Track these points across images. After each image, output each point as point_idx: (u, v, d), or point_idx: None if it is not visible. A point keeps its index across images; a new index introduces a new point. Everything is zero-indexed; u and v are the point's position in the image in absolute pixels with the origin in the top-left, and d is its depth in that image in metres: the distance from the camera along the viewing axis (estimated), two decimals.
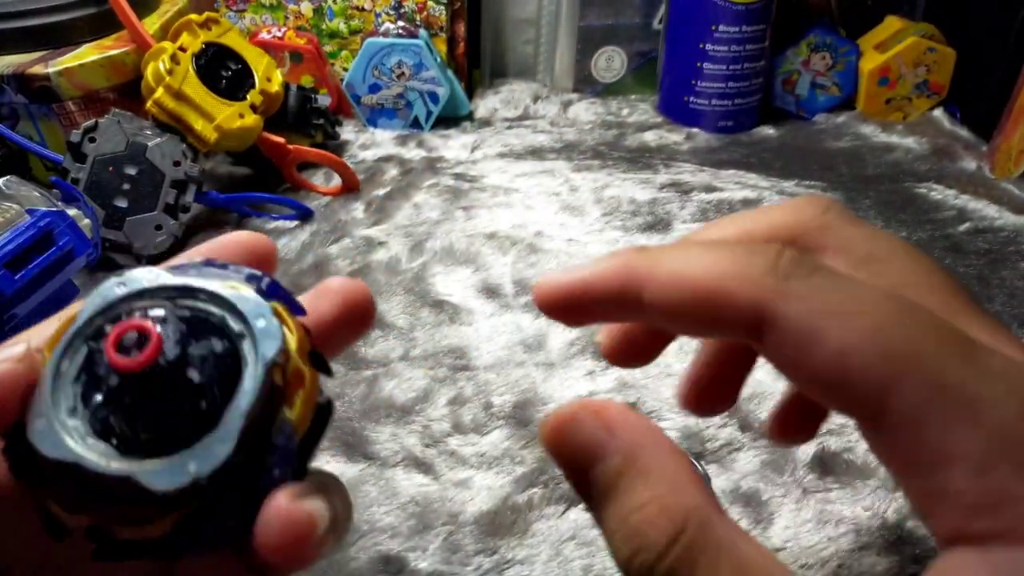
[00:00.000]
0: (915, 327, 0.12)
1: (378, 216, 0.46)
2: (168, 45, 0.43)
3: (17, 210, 0.33)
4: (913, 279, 0.14)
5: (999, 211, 0.46)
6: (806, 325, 0.12)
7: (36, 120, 0.45)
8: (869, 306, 0.12)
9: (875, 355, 0.11)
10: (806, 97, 0.61)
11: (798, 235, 0.15)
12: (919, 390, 0.11)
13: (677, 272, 0.13)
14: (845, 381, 0.11)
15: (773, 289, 0.12)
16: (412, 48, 0.55)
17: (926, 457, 0.11)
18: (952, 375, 0.11)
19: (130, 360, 0.12)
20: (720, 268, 0.13)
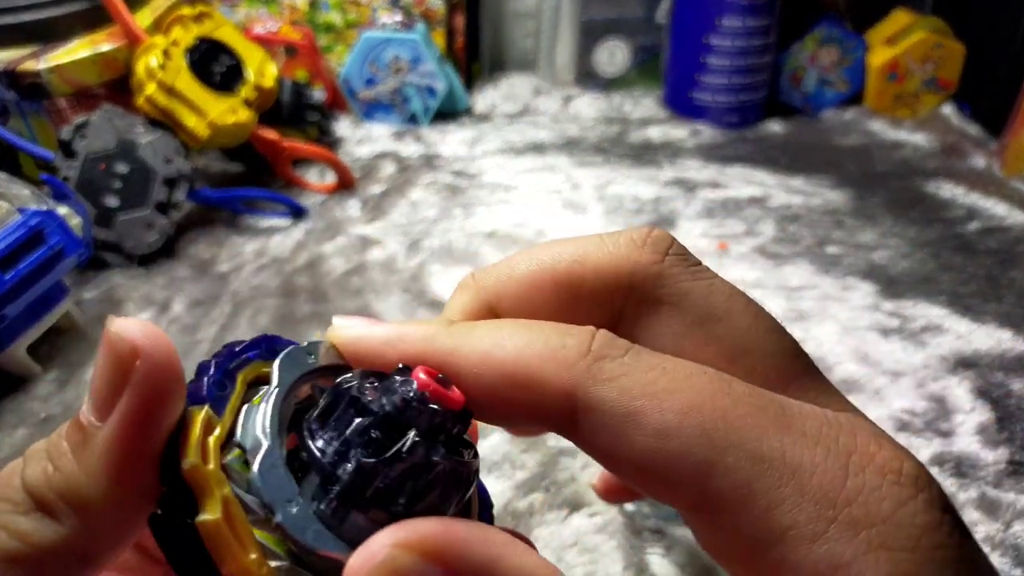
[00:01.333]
0: (729, 401, 0.11)
1: (374, 214, 0.45)
2: (160, 40, 0.42)
3: (7, 208, 0.32)
4: (748, 342, 0.13)
5: (1009, 210, 0.45)
6: (621, 408, 0.11)
7: (27, 117, 0.44)
8: (683, 384, 0.11)
9: (694, 433, 0.11)
10: (813, 92, 0.60)
11: (633, 283, 0.14)
12: (742, 467, 0.11)
13: (484, 352, 0.12)
14: (666, 465, 0.11)
15: (587, 372, 0.12)
16: (409, 42, 0.54)
17: (756, 535, 0.11)
18: (771, 446, 0.11)
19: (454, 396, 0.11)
20: (532, 350, 0.12)
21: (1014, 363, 0.33)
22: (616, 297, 0.14)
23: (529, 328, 0.12)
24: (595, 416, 0.11)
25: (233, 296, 0.38)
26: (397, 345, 0.13)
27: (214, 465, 0.11)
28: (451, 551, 0.10)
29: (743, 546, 0.11)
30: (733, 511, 0.11)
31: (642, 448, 0.11)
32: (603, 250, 0.14)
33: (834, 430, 0.11)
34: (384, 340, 0.13)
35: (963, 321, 0.36)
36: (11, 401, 0.32)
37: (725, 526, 0.11)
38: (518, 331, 0.12)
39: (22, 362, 0.33)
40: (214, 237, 0.43)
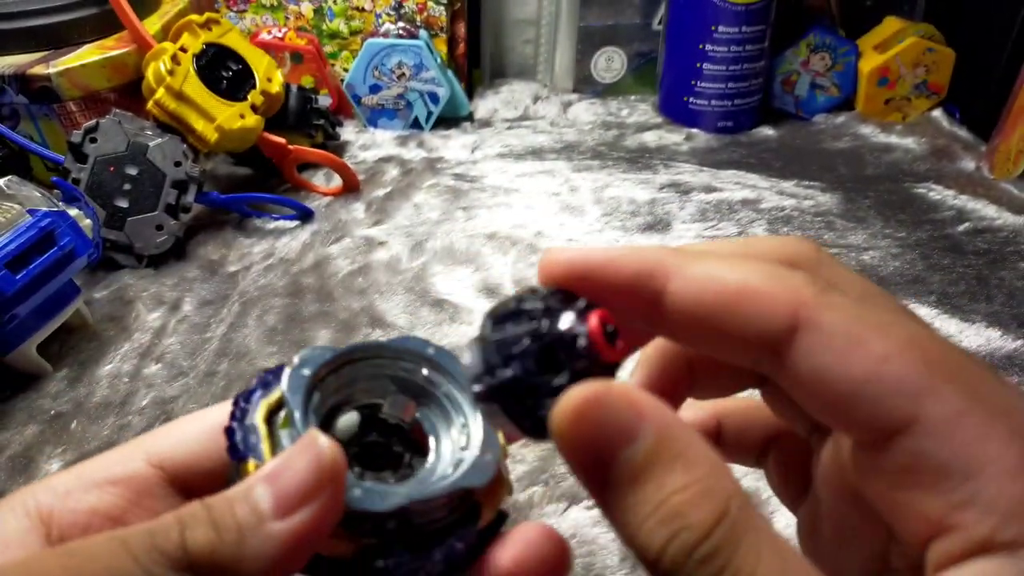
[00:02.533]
0: (947, 345, 0.12)
1: (378, 216, 0.46)
2: (169, 46, 0.43)
3: (18, 210, 0.33)
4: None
5: (998, 211, 0.46)
6: (848, 330, 0.12)
7: (37, 120, 0.45)
8: (906, 323, 0.12)
9: (915, 361, 0.12)
10: (805, 97, 0.61)
11: (797, 265, 0.14)
12: (958, 396, 0.11)
13: (710, 271, 0.13)
14: (881, 389, 0.12)
15: (813, 296, 0.12)
16: (412, 49, 0.55)
17: (960, 462, 0.11)
18: (986, 388, 0.11)
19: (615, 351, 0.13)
20: (758, 274, 0.13)
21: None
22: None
23: (754, 259, 0.13)
24: (819, 336, 0.12)
25: (241, 296, 0.39)
26: (625, 261, 0.13)
27: None
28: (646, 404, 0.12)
29: (938, 475, 0.11)
30: (940, 435, 0.11)
31: (862, 370, 0.12)
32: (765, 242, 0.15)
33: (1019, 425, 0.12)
34: (610, 256, 0.14)
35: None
36: (22, 399, 0.33)
37: (924, 451, 0.11)
38: (745, 259, 0.13)
39: (33, 360, 0.33)
40: (222, 239, 0.44)
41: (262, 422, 0.14)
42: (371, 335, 0.36)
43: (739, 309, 0.13)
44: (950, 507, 0.11)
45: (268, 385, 0.14)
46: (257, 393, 0.14)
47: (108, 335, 0.36)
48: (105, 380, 0.34)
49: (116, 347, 0.35)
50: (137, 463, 0.15)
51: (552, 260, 0.14)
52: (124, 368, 0.34)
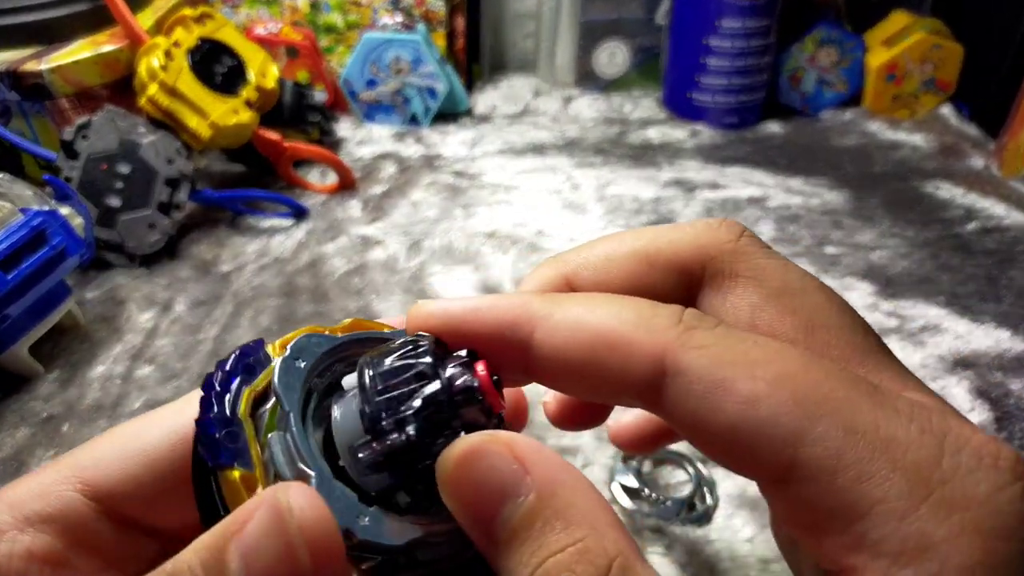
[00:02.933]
0: (821, 374, 0.11)
1: (375, 214, 0.46)
2: (162, 41, 0.42)
3: (10, 209, 0.32)
4: (825, 317, 0.13)
5: (1007, 210, 0.46)
6: (712, 375, 0.11)
7: (29, 117, 0.45)
8: (774, 355, 0.11)
9: (785, 401, 0.11)
10: (812, 93, 0.60)
11: (711, 256, 0.14)
12: (833, 436, 0.11)
13: (574, 318, 0.12)
14: (755, 432, 0.11)
15: (677, 339, 0.12)
16: (410, 43, 0.54)
17: (843, 506, 0.10)
18: (864, 419, 0.11)
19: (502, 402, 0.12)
20: (622, 317, 0.12)
21: (1013, 363, 0.33)
22: (693, 270, 0.14)
23: (620, 300, 0.13)
24: (684, 381, 0.12)
25: (235, 296, 0.38)
26: (490, 312, 0.13)
27: None
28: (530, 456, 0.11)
29: (826, 519, 0.11)
30: (820, 481, 0.11)
31: (731, 414, 0.11)
32: (681, 230, 0.15)
33: (926, 411, 0.11)
34: (476, 307, 0.13)
35: (962, 321, 0.36)
36: (13, 401, 0.32)
37: (809, 497, 0.11)
38: (609, 301, 0.13)
39: (24, 362, 0.33)
40: (216, 237, 0.43)
41: (246, 417, 0.12)
42: None
43: (603, 358, 0.12)
44: (844, 550, 0.11)
45: (252, 371, 0.13)
46: (236, 379, 0.12)
47: (100, 336, 0.36)
48: (97, 382, 0.33)
49: (108, 348, 0.35)
50: (69, 494, 0.13)
51: (419, 314, 0.14)
52: (116, 370, 0.34)
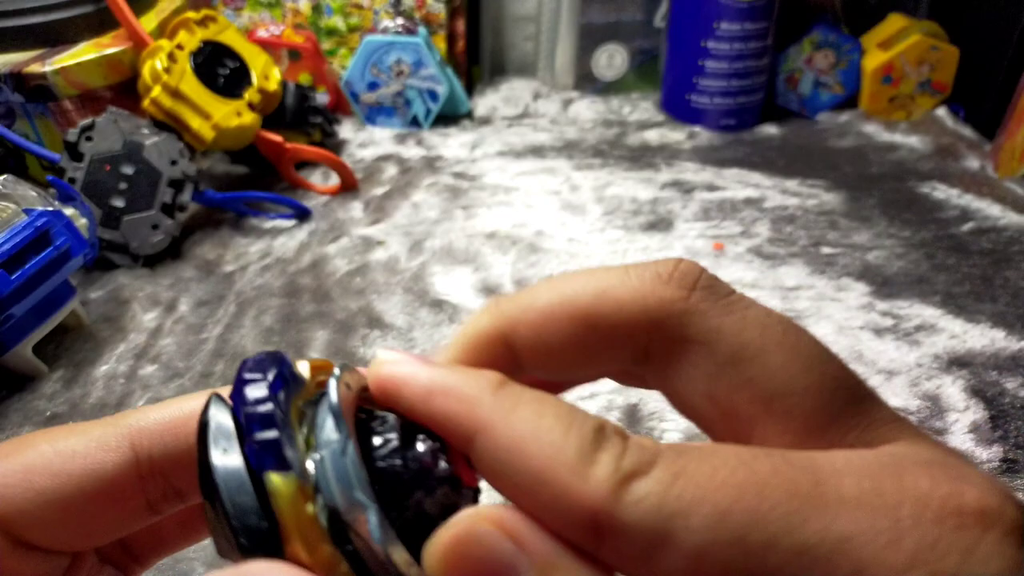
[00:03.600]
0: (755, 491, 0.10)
1: (377, 215, 0.46)
2: (165, 43, 0.43)
3: (14, 209, 0.33)
4: (783, 382, 0.12)
5: (1003, 211, 0.46)
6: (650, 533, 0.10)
7: (33, 119, 0.45)
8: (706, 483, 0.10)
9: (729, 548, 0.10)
10: (809, 95, 0.60)
11: (659, 320, 0.13)
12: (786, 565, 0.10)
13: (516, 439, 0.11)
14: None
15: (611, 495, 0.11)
16: (411, 46, 0.54)
17: None
18: (812, 530, 0.10)
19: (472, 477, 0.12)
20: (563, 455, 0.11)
21: (1008, 362, 0.34)
22: (639, 334, 0.13)
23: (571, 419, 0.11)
24: (622, 541, 0.10)
25: (238, 296, 0.39)
26: (440, 401, 0.12)
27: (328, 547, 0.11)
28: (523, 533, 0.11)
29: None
30: None
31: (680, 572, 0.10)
32: (627, 284, 0.13)
33: (876, 482, 0.10)
34: (428, 390, 0.12)
35: (957, 321, 0.36)
36: (17, 400, 0.32)
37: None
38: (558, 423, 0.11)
39: (29, 361, 0.33)
40: (219, 238, 0.44)
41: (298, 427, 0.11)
42: (369, 336, 0.36)
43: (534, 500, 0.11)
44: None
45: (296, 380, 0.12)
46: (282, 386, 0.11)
47: (104, 336, 0.36)
48: (101, 381, 0.33)
49: (112, 348, 0.35)
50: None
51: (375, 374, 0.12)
52: (120, 369, 0.34)
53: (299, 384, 0.12)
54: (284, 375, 0.12)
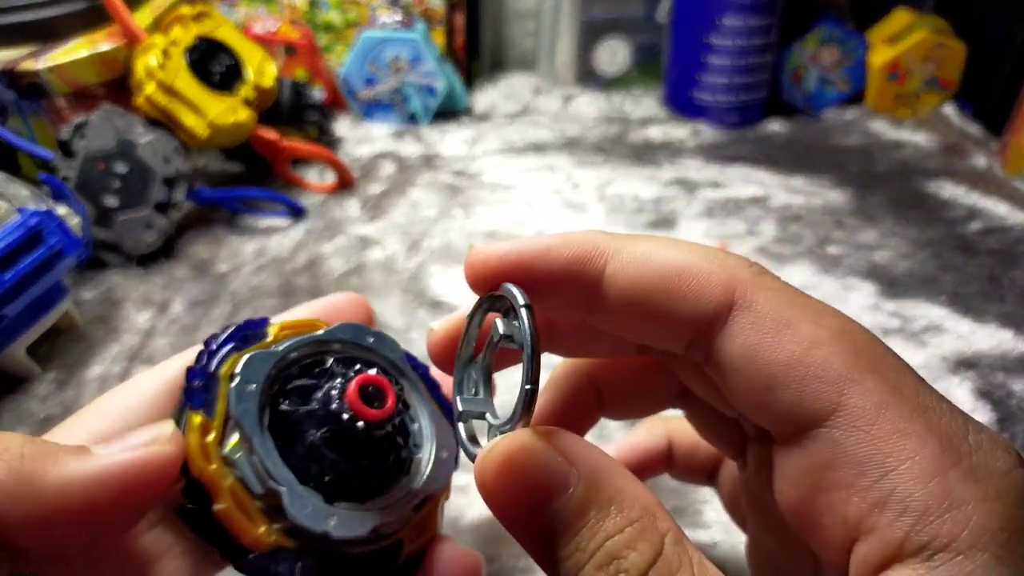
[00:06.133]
0: (875, 340, 0.12)
1: (374, 213, 0.45)
2: (159, 39, 0.42)
3: (6, 208, 0.32)
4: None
5: (1010, 210, 0.45)
6: (779, 313, 0.12)
7: (26, 116, 0.44)
8: (835, 313, 0.12)
9: (841, 350, 0.12)
10: (814, 92, 0.60)
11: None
12: (879, 390, 0.11)
13: (647, 252, 0.13)
14: (806, 374, 0.12)
15: (749, 278, 0.13)
16: (409, 41, 0.54)
17: (875, 458, 0.11)
18: (907, 385, 0.12)
19: (375, 411, 0.14)
20: (695, 255, 0.13)
21: (1015, 364, 0.33)
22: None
23: (688, 242, 0.13)
24: (750, 315, 0.12)
25: (232, 296, 0.38)
26: (561, 250, 0.13)
27: (216, 464, 0.14)
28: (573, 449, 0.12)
29: (857, 469, 0.11)
30: (859, 429, 0.11)
31: (789, 353, 0.12)
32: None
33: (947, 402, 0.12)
34: (547, 247, 0.13)
35: (964, 321, 0.36)
36: (10, 401, 0.32)
37: (845, 444, 0.11)
38: (678, 242, 0.13)
39: (21, 362, 0.33)
40: (213, 237, 0.43)
41: (224, 378, 0.14)
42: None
43: (676, 288, 0.13)
44: (868, 507, 0.11)
45: (247, 340, 0.15)
46: (230, 345, 0.15)
47: (97, 336, 0.35)
48: (94, 382, 0.33)
49: (105, 349, 0.35)
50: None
51: (482, 257, 0.14)
52: (113, 370, 0.33)
53: (254, 341, 0.15)
54: (236, 336, 0.15)
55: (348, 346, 0.16)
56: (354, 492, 0.15)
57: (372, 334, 0.16)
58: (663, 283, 0.13)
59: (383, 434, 0.14)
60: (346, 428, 0.14)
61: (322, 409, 0.14)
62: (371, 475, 0.15)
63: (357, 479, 0.14)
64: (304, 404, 0.14)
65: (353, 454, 0.14)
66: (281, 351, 0.15)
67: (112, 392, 0.15)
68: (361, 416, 0.14)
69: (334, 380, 0.14)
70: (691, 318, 0.13)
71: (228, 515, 0.13)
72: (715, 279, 0.13)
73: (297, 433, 0.14)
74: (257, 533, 0.13)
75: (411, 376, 0.17)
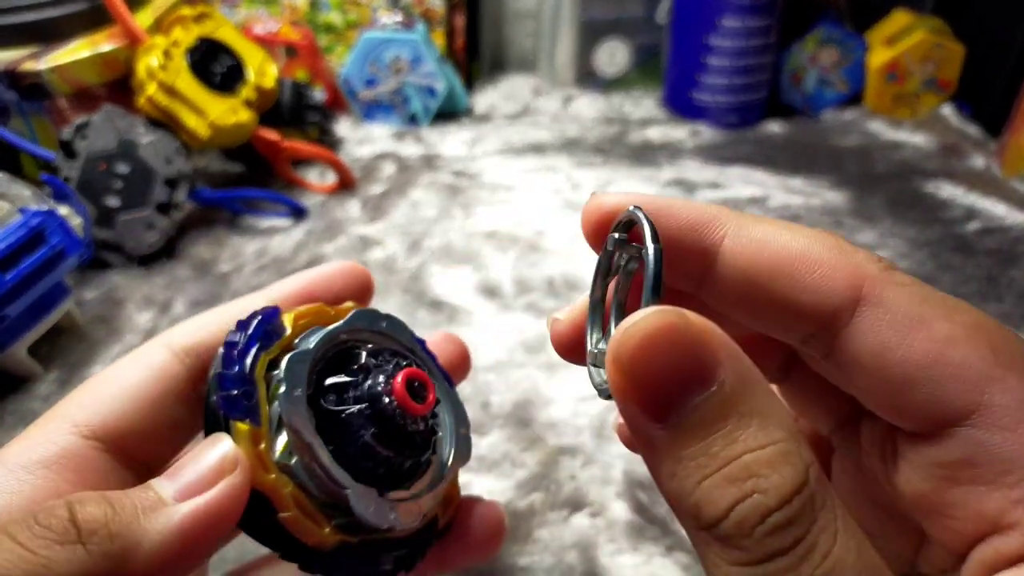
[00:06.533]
0: (1013, 335, 0.12)
1: (374, 214, 0.46)
2: (161, 40, 0.42)
3: (8, 208, 0.32)
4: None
5: (1008, 210, 0.45)
6: (912, 310, 0.11)
7: (28, 117, 0.44)
8: (968, 309, 0.12)
9: (980, 348, 0.11)
10: (813, 93, 0.60)
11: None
12: (1022, 387, 0.11)
13: (770, 234, 0.12)
14: (945, 371, 0.11)
15: (878, 273, 0.12)
16: (409, 42, 0.54)
17: (1016, 458, 0.10)
18: None
19: (422, 406, 0.14)
20: (820, 244, 0.12)
21: None
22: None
23: (815, 231, 0.13)
24: (880, 312, 0.11)
25: (234, 296, 0.38)
26: (682, 210, 0.13)
27: (275, 474, 0.13)
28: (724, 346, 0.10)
29: (999, 468, 0.11)
30: (1003, 428, 0.11)
31: (924, 351, 0.11)
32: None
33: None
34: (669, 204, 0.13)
35: None
36: (12, 401, 0.32)
37: (987, 444, 0.11)
38: (805, 228, 0.13)
39: (23, 362, 0.33)
40: (215, 237, 0.43)
41: (261, 379, 0.14)
42: None
43: (798, 276, 0.12)
44: (1010, 503, 0.10)
45: (269, 337, 0.14)
46: (256, 344, 0.14)
47: (98, 336, 0.35)
48: None
49: (107, 349, 0.35)
50: (65, 437, 0.13)
51: (598, 203, 0.13)
52: None
53: (277, 336, 0.15)
54: (259, 334, 0.14)
55: (368, 334, 0.16)
56: (399, 480, 0.15)
57: (383, 318, 0.16)
58: (784, 269, 0.12)
59: (426, 424, 0.15)
60: (398, 425, 0.14)
61: (371, 407, 0.14)
62: (414, 462, 0.15)
63: (403, 468, 0.15)
64: (347, 402, 0.14)
65: (402, 447, 0.15)
66: (313, 349, 0.15)
67: (94, 381, 0.15)
68: (410, 412, 0.14)
69: (375, 376, 0.14)
70: (812, 310, 0.12)
71: (294, 521, 0.13)
72: (841, 271, 0.12)
73: (348, 432, 0.14)
74: (323, 534, 0.14)
75: (423, 356, 0.17)
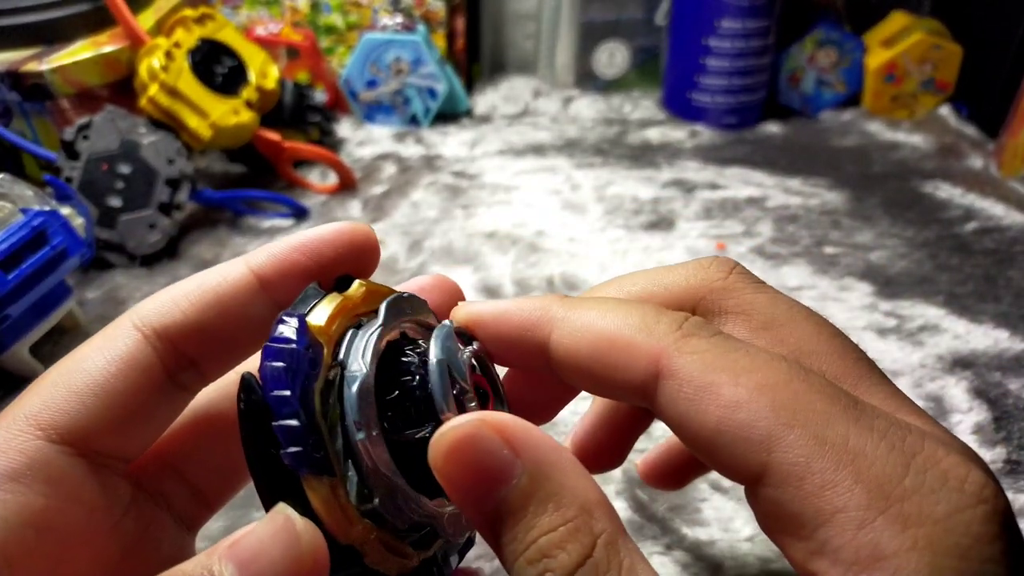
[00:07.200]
0: (803, 386, 0.12)
1: (375, 214, 0.46)
2: (163, 41, 0.42)
3: (10, 209, 0.32)
4: (814, 344, 0.14)
5: (1006, 210, 0.46)
6: (700, 378, 0.12)
7: (30, 118, 0.45)
8: (761, 365, 0.12)
9: (762, 408, 0.12)
10: (811, 94, 0.60)
11: (701, 296, 0.15)
12: (803, 444, 0.11)
13: (587, 320, 0.14)
14: (734, 436, 0.12)
15: (673, 344, 0.13)
16: (410, 44, 0.54)
17: (809, 511, 0.11)
18: (835, 432, 0.11)
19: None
20: (628, 322, 0.13)
21: (1011, 363, 0.33)
22: (686, 310, 0.15)
23: (629, 305, 0.14)
24: (674, 384, 0.12)
25: None
26: (515, 315, 0.14)
27: (360, 525, 0.12)
28: (521, 440, 0.12)
29: (794, 523, 0.11)
30: (789, 485, 0.11)
31: (714, 417, 0.12)
32: (674, 273, 0.16)
33: (902, 431, 0.11)
34: (504, 311, 0.15)
35: (960, 321, 0.36)
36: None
37: (780, 501, 0.11)
38: (619, 306, 0.14)
39: (25, 362, 0.33)
40: (216, 237, 0.44)
41: (320, 419, 0.12)
42: None
43: (608, 359, 0.13)
44: (809, 554, 0.11)
45: (315, 364, 0.12)
46: (301, 376, 0.12)
47: None
48: None
49: None
50: (31, 442, 0.12)
51: (459, 313, 0.15)
52: None
53: (317, 366, 0.12)
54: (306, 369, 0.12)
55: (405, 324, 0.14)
56: None
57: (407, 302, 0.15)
58: (597, 354, 0.13)
59: None
60: None
61: None
62: None
63: None
64: (412, 421, 0.13)
65: None
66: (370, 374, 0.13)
67: (56, 371, 0.13)
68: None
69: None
70: (626, 386, 0.13)
71: (383, 562, 0.13)
72: (641, 349, 0.13)
73: (419, 454, 0.13)
74: (411, 565, 0.13)
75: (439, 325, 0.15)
